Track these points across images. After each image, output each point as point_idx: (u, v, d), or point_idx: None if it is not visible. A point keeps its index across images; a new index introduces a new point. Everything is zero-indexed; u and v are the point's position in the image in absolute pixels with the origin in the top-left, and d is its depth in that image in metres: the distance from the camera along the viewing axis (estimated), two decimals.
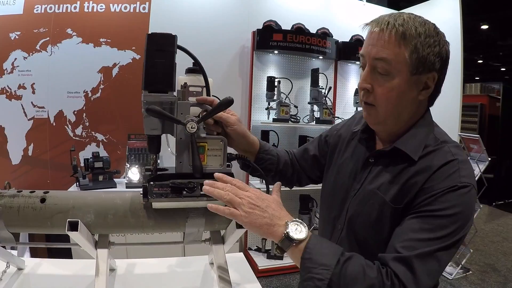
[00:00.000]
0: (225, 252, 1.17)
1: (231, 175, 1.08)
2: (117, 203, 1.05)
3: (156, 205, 1.04)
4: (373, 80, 1.03)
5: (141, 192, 1.02)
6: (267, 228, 0.93)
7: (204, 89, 1.15)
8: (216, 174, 1.00)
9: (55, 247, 1.41)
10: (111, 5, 3.71)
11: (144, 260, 1.48)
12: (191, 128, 0.98)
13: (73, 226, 0.95)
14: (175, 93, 1.02)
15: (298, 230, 0.93)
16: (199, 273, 1.39)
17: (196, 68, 1.15)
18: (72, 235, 0.96)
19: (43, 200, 1.04)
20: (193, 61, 1.14)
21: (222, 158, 1.08)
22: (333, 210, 1.22)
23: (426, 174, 0.99)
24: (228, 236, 1.16)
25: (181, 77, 1.14)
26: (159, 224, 1.06)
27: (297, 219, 0.95)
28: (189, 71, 1.17)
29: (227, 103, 1.02)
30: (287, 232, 0.92)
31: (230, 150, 1.16)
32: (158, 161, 2.10)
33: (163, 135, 1.08)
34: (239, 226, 1.06)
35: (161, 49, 0.97)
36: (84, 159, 3.36)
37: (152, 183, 1.01)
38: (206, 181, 0.98)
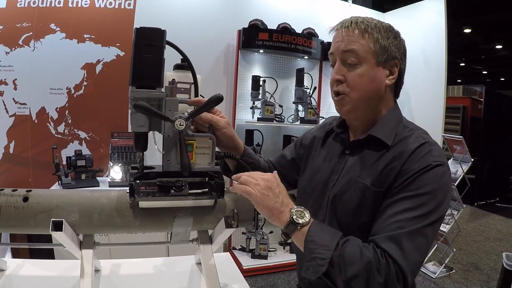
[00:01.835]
0: (213, 252, 1.15)
1: (219, 174, 1.07)
2: (102, 202, 1.02)
3: (143, 204, 1.02)
4: (344, 71, 1.15)
5: (128, 191, 0.99)
6: (276, 213, 1.01)
7: (192, 85, 1.13)
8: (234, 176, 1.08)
9: (32, 247, 1.38)
10: (96, 0, 3.65)
11: (129, 261, 1.45)
12: (180, 125, 0.96)
13: (57, 226, 0.93)
14: (163, 89, 1.00)
15: (301, 215, 1.01)
16: (186, 273, 1.37)
17: (184, 65, 1.13)
18: (56, 235, 0.93)
19: (26, 199, 1.01)
20: (181, 57, 1.12)
21: (210, 156, 1.06)
22: (313, 204, 1.27)
23: (403, 158, 1.07)
24: (216, 236, 1.15)
25: (169, 73, 1.12)
26: (145, 223, 1.04)
27: (301, 207, 1.03)
28: (177, 67, 1.15)
29: (217, 100, 1.01)
30: (291, 217, 1.00)
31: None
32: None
33: (149, 132, 1.06)
34: (228, 226, 1.04)
35: (149, 44, 0.94)
36: (67, 157, 3.29)
37: (138, 181, 0.99)
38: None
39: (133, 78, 0.94)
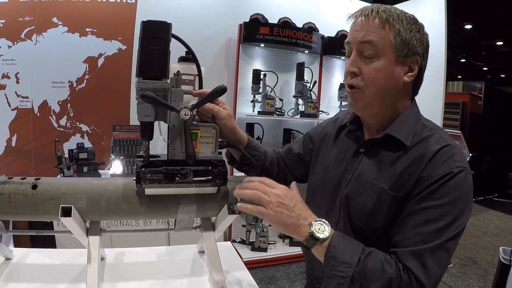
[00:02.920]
0: (215, 239, 1.19)
1: (222, 162, 1.10)
2: (109, 189, 1.05)
3: (149, 191, 1.05)
4: (360, 63, 1.06)
5: (134, 178, 1.02)
6: (293, 228, 0.98)
7: (197, 77, 1.16)
8: (246, 179, 1.05)
9: (40, 234, 1.40)
10: None
11: (133, 249, 1.48)
12: (185, 115, 0.98)
13: (66, 212, 0.95)
14: (168, 81, 1.03)
15: (321, 230, 0.97)
16: (189, 261, 1.40)
17: (189, 57, 1.16)
18: (65, 221, 0.96)
19: (34, 187, 1.03)
20: (185, 50, 1.15)
21: (214, 145, 1.09)
22: (325, 205, 1.22)
23: (423, 162, 1.01)
24: (218, 223, 1.18)
25: (174, 65, 1.15)
26: (151, 210, 1.07)
27: (321, 219, 0.99)
28: (181, 59, 1.18)
29: (221, 90, 1.03)
30: (311, 231, 0.96)
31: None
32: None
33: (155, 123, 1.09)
34: (231, 212, 1.07)
35: (156, 36, 0.97)
36: (69, 150, 3.32)
37: (144, 169, 1.02)
38: (238, 186, 1.04)
39: (140, 69, 0.97)
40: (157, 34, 0.97)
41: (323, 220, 0.99)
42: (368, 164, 1.12)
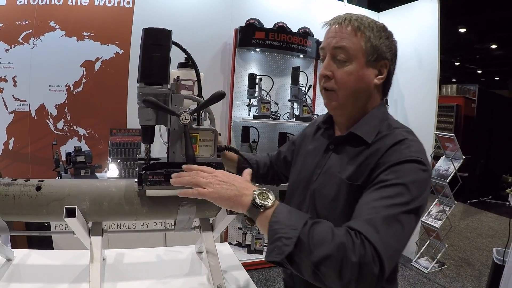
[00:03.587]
0: (214, 239, 1.22)
1: (221, 164, 1.13)
2: (112, 190, 1.08)
3: (150, 192, 1.08)
4: (333, 67, 1.15)
5: (136, 180, 1.06)
6: (235, 199, 0.98)
7: (196, 83, 1.20)
8: (184, 166, 1.05)
9: (37, 235, 1.42)
10: None
11: (133, 250, 1.51)
12: (185, 119, 1.02)
13: (71, 213, 0.98)
14: (169, 86, 1.06)
15: (264, 197, 0.97)
16: (188, 261, 1.43)
17: (188, 63, 1.20)
18: (69, 221, 0.99)
19: (38, 188, 1.06)
20: (184, 56, 1.19)
21: (212, 148, 1.13)
22: (298, 197, 1.31)
23: (380, 153, 1.08)
24: (217, 224, 1.21)
25: (173, 71, 1.18)
26: (152, 211, 1.10)
27: (265, 188, 1.00)
28: (181, 65, 1.22)
29: (219, 96, 1.07)
30: (254, 199, 0.96)
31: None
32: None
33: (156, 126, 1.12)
34: (229, 212, 1.10)
35: (157, 43, 1.01)
36: (66, 153, 3.32)
37: (146, 171, 1.05)
38: (173, 174, 1.04)
39: (141, 75, 1.00)
40: (158, 41, 1.01)
41: (267, 189, 0.99)
42: (335, 159, 1.21)
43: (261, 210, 0.96)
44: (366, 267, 0.86)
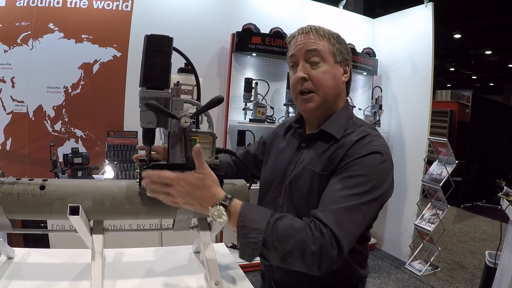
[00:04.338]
0: (211, 238, 1.26)
1: (218, 166, 1.18)
2: (114, 190, 1.12)
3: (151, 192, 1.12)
4: (308, 69, 1.28)
5: (137, 180, 1.10)
6: (200, 211, 1.08)
7: (195, 87, 1.24)
8: (144, 173, 1.08)
9: (34, 233, 1.43)
10: (94, 1, 3.75)
11: (131, 250, 1.54)
12: (185, 122, 1.06)
13: (74, 211, 1.02)
14: (170, 91, 1.10)
15: (219, 214, 1.04)
16: (185, 260, 1.47)
17: (188, 68, 1.24)
18: (73, 219, 1.02)
19: (42, 187, 1.10)
20: (184, 61, 1.23)
21: (211, 151, 1.17)
22: (273, 192, 1.42)
23: (346, 147, 1.21)
24: (213, 224, 1.25)
25: (174, 76, 1.22)
26: (152, 210, 1.14)
27: (222, 199, 1.06)
28: (181, 70, 1.26)
29: (218, 101, 1.11)
30: (212, 215, 1.05)
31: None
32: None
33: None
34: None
35: (159, 49, 1.05)
36: (64, 154, 3.36)
37: None
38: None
39: (144, 80, 1.04)
40: (160, 47, 1.05)
41: (223, 200, 1.06)
42: (307, 154, 1.33)
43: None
44: (325, 253, 1.00)
